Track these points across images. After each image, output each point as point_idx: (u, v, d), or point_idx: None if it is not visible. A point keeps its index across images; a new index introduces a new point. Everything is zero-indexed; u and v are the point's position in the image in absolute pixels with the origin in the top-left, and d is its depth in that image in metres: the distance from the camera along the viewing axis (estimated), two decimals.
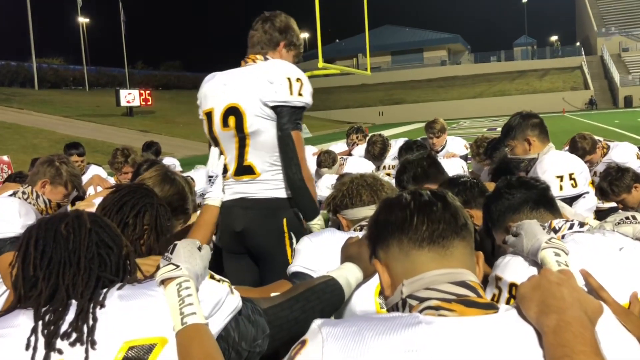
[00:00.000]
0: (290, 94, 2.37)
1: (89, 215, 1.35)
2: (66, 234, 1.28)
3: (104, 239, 1.32)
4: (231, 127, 2.45)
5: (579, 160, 3.11)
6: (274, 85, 2.37)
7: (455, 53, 74.98)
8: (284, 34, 2.58)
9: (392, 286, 1.12)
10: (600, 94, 52.11)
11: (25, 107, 32.76)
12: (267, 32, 2.55)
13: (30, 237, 1.28)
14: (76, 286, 1.24)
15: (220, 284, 1.35)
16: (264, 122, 2.40)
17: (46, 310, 1.21)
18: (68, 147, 5.17)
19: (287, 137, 2.39)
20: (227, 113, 2.46)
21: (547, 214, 1.79)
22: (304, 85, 2.42)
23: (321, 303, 1.55)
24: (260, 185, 2.47)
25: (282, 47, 2.59)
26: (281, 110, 2.39)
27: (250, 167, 2.46)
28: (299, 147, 2.42)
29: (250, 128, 2.41)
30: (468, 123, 39.31)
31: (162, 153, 6.88)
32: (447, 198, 1.15)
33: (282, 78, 2.37)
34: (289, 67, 2.45)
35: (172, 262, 1.29)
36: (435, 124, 5.46)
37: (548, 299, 0.99)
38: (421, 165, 2.71)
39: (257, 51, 2.56)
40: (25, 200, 2.83)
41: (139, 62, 61.40)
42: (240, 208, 2.49)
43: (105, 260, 1.30)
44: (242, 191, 2.50)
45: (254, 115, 2.40)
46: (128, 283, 1.29)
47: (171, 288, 1.24)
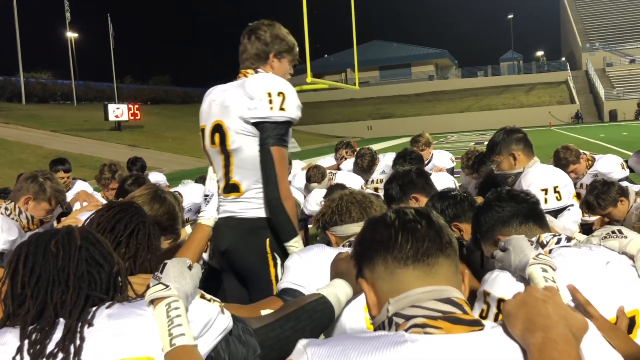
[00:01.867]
0: (270, 110, 2.30)
1: (80, 232, 1.33)
2: (55, 251, 1.26)
3: (95, 256, 1.31)
4: (217, 144, 2.44)
5: (563, 173, 3.14)
6: (254, 101, 2.31)
7: (442, 68, 75.69)
8: (271, 45, 2.50)
9: (379, 305, 1.11)
10: (586, 108, 52.81)
11: (12, 121, 32.53)
12: (253, 47, 2.49)
13: (20, 253, 1.27)
14: (64, 305, 1.22)
15: (210, 303, 1.33)
16: (246, 139, 2.36)
17: (33, 329, 1.19)
18: (54, 162, 5.12)
19: (265, 153, 2.33)
20: (213, 130, 2.45)
21: (536, 228, 1.80)
22: (286, 99, 2.33)
23: (312, 322, 1.54)
24: (245, 204, 2.44)
25: (272, 59, 2.51)
26: (263, 127, 2.33)
27: (236, 185, 2.44)
28: (279, 163, 2.33)
29: (232, 145, 2.38)
30: (456, 137, 39.59)
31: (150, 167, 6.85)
32: (431, 216, 1.15)
33: (262, 93, 2.31)
34: (270, 81, 2.38)
35: (161, 282, 1.27)
36: (421, 138, 5.53)
37: (533, 316, 0.98)
38: (409, 176, 2.75)
39: (247, 66, 2.51)
40: (8, 216, 2.80)
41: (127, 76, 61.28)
42: (227, 227, 2.47)
43: (95, 278, 1.28)
44: (230, 210, 2.47)
45: (235, 132, 2.36)
46: (118, 301, 1.27)
47: (160, 308, 1.23)
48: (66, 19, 46.06)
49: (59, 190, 2.98)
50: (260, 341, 1.42)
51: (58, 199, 2.98)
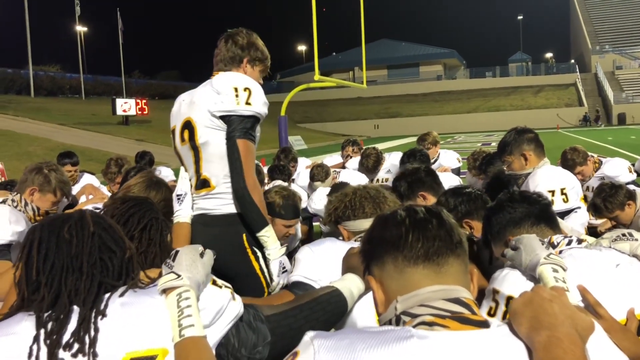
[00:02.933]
0: (237, 104, 2.36)
1: (92, 217, 1.34)
2: (69, 238, 1.27)
3: (107, 242, 1.32)
4: (186, 140, 2.48)
5: (571, 175, 3.12)
6: (220, 96, 2.37)
7: (450, 68, 75.48)
8: (247, 50, 2.59)
9: (386, 303, 1.11)
10: (595, 110, 52.53)
11: (20, 114, 32.69)
12: (229, 50, 2.58)
13: (33, 239, 1.28)
14: (78, 292, 1.23)
15: (222, 290, 1.34)
16: (214, 132, 2.40)
17: (48, 317, 1.20)
18: (61, 156, 5.14)
19: (232, 145, 2.36)
20: (183, 128, 2.50)
21: (548, 230, 1.79)
22: (252, 94, 2.39)
23: (325, 314, 1.54)
24: (218, 201, 2.44)
25: (245, 63, 2.60)
26: (229, 120, 2.37)
27: (206, 180, 2.45)
28: (245, 155, 2.36)
29: (201, 139, 2.41)
30: (463, 137, 39.49)
31: (157, 162, 6.86)
32: (442, 215, 1.14)
33: (228, 88, 2.37)
34: (236, 77, 2.44)
35: (173, 271, 1.28)
36: (427, 137, 5.54)
37: (540, 315, 0.98)
38: (418, 173, 2.74)
39: (220, 68, 2.59)
40: (15, 207, 2.81)
41: (135, 71, 61.51)
42: (201, 225, 2.48)
43: (107, 265, 1.29)
44: (203, 207, 2.49)
45: (204, 126, 2.40)
46: (130, 288, 1.28)
47: (171, 298, 1.23)
48: (76, 13, 46.27)
49: (63, 181, 2.98)
50: (272, 328, 1.42)
51: (63, 190, 2.98)
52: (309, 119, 56.61)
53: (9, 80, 42.16)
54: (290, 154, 5.74)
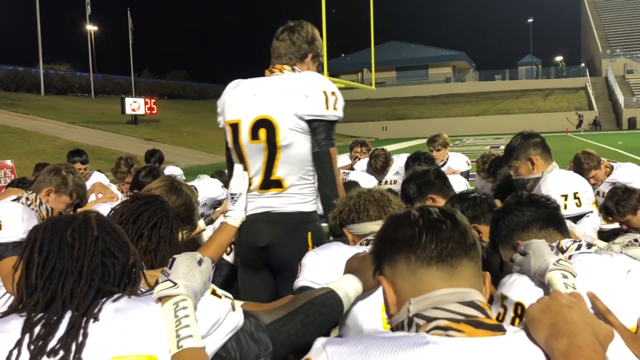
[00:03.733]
0: (326, 108, 2.35)
1: (96, 220, 1.31)
2: (72, 241, 1.24)
3: (110, 247, 1.29)
4: (262, 139, 2.39)
5: (583, 179, 3.10)
6: (310, 99, 2.33)
7: (460, 70, 75.24)
8: (312, 45, 2.53)
9: (398, 304, 1.10)
10: (605, 115, 52.16)
11: (30, 112, 32.90)
12: (295, 44, 2.50)
13: (35, 240, 1.25)
14: (73, 297, 1.20)
15: (221, 300, 1.30)
16: (297, 135, 2.37)
17: (38, 321, 1.18)
18: (71, 154, 5.17)
19: (325, 154, 2.38)
20: (257, 125, 2.39)
21: (557, 234, 1.77)
22: (338, 99, 2.40)
23: (321, 316, 1.52)
24: (286, 199, 2.42)
25: (309, 59, 2.54)
26: (317, 126, 2.36)
27: (279, 181, 2.41)
28: (335, 164, 2.41)
29: (283, 141, 2.36)
30: (471, 140, 39.33)
31: (166, 162, 6.89)
32: (456, 216, 1.13)
33: (318, 92, 2.34)
34: (324, 80, 2.42)
35: (169, 279, 1.24)
36: (438, 138, 5.53)
37: (559, 322, 0.96)
38: (427, 176, 2.73)
39: (285, 62, 2.50)
40: (29, 206, 2.83)
41: (145, 70, 61.72)
42: (265, 222, 2.43)
43: (109, 270, 1.26)
44: (267, 205, 2.44)
45: (287, 128, 2.35)
46: (127, 294, 1.25)
47: (168, 307, 1.20)
48: (86, 12, 46.52)
49: (80, 185, 3.01)
50: (272, 337, 1.39)
51: (79, 193, 3.00)
52: None
53: (20, 78, 42.44)
54: None
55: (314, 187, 2.48)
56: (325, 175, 2.38)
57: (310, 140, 2.40)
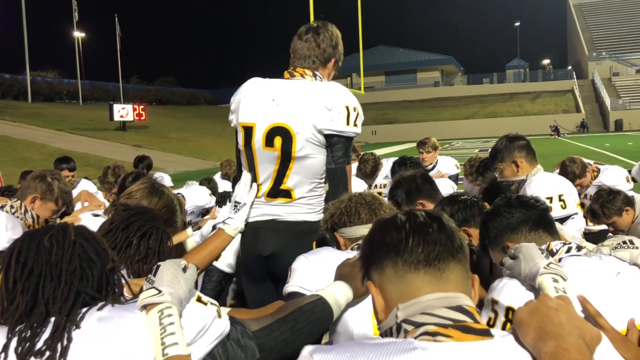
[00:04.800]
0: (347, 124, 2.28)
1: (74, 228, 1.31)
2: (49, 246, 1.24)
3: (88, 252, 1.28)
4: (276, 147, 2.30)
5: (568, 181, 3.13)
6: (331, 113, 2.26)
7: (448, 74, 75.69)
8: (336, 50, 2.45)
9: (386, 309, 1.09)
10: (592, 117, 52.71)
11: (17, 119, 32.68)
12: (319, 46, 2.40)
13: (14, 248, 1.25)
14: (55, 300, 1.20)
15: (207, 307, 1.29)
16: (314, 147, 2.30)
17: (23, 326, 1.17)
18: (59, 161, 5.12)
19: (341, 171, 2.33)
20: (272, 132, 2.30)
21: (546, 236, 1.76)
22: (359, 115, 2.34)
23: (310, 324, 1.50)
24: (293, 208, 2.37)
25: (332, 64, 2.46)
26: (336, 141, 2.30)
27: (288, 191, 2.35)
28: (350, 181, 2.38)
29: (300, 152, 2.28)
30: (460, 143, 39.55)
31: (155, 168, 6.86)
32: (443, 219, 1.12)
33: (341, 106, 2.27)
34: (347, 94, 2.34)
35: (154, 286, 1.23)
36: (428, 141, 5.58)
37: (546, 325, 0.97)
38: (415, 181, 2.72)
39: (307, 65, 2.40)
40: (13, 214, 2.79)
41: (133, 76, 61.50)
42: (270, 230, 2.37)
43: (87, 274, 1.26)
44: (272, 213, 2.37)
45: (304, 139, 2.27)
46: (110, 303, 1.24)
47: (152, 315, 1.19)
48: (74, 19, 46.26)
49: (66, 191, 2.96)
50: (259, 344, 1.39)
51: (65, 200, 2.96)
52: None
53: (7, 85, 42.15)
54: None
55: (322, 198, 2.44)
56: (339, 192, 2.28)
57: (325, 153, 2.34)
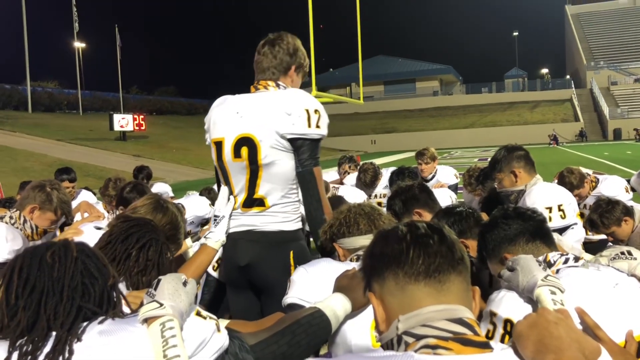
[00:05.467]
0: (308, 126, 2.31)
1: (76, 245, 1.33)
2: (51, 262, 1.25)
3: (90, 268, 1.29)
4: (243, 157, 2.36)
5: (567, 191, 3.13)
6: (291, 117, 2.30)
7: (447, 84, 75.87)
8: (294, 57, 2.49)
9: (387, 321, 1.09)
10: (590, 126, 52.81)
11: (18, 129, 32.71)
12: (276, 57, 2.46)
13: (15, 264, 1.26)
14: (57, 316, 1.21)
15: (206, 321, 1.31)
16: (279, 153, 2.34)
17: (24, 341, 1.17)
18: (59, 172, 5.13)
19: (309, 174, 2.34)
20: (239, 143, 2.37)
21: (544, 247, 1.77)
22: (321, 116, 2.36)
23: (308, 337, 1.51)
24: (268, 218, 2.39)
25: (292, 71, 2.50)
26: (301, 145, 2.33)
27: (261, 200, 2.38)
28: (320, 183, 2.37)
29: (265, 160, 2.33)
30: (459, 153, 39.58)
31: (154, 178, 6.86)
32: (444, 231, 1.13)
33: (300, 109, 2.31)
34: (306, 97, 2.38)
35: (155, 300, 1.25)
36: (426, 151, 5.55)
37: (545, 338, 0.97)
38: (412, 191, 2.74)
39: (268, 77, 2.47)
40: (12, 224, 2.79)
41: (133, 87, 61.62)
42: (247, 241, 2.40)
43: (89, 290, 1.27)
44: (249, 223, 2.41)
45: (269, 146, 2.32)
46: (111, 317, 1.25)
47: (154, 328, 1.20)
48: (74, 29, 46.46)
49: (65, 201, 2.96)
50: (257, 358, 1.39)
51: (64, 209, 2.96)
52: None
53: (7, 96, 42.22)
54: None
55: (297, 206, 2.46)
56: (309, 195, 2.34)
57: (294, 158, 2.37)
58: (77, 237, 2.56)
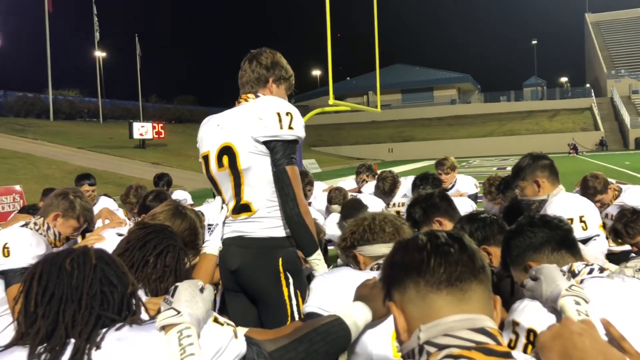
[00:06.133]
0: (280, 128, 2.37)
1: (95, 252, 1.33)
2: (70, 270, 1.26)
3: (109, 276, 1.30)
4: (225, 166, 2.46)
5: (589, 202, 3.08)
6: (263, 121, 2.37)
7: (465, 92, 75.53)
8: (271, 70, 2.59)
9: (408, 331, 1.09)
10: (611, 135, 52.09)
11: (39, 137, 33.21)
12: (254, 71, 2.58)
13: (35, 272, 1.27)
14: (75, 324, 1.21)
15: (224, 328, 1.31)
16: (258, 158, 2.40)
17: (43, 349, 1.18)
18: (80, 177, 5.20)
19: (281, 172, 2.38)
20: (221, 153, 2.48)
21: (569, 257, 1.74)
22: (294, 118, 2.42)
23: (326, 345, 1.50)
24: (257, 224, 2.44)
25: (271, 83, 2.60)
26: (274, 146, 2.38)
27: (247, 205, 2.44)
28: (295, 181, 2.40)
29: (244, 165, 2.41)
30: (478, 161, 39.29)
31: (173, 185, 6.92)
32: (464, 240, 1.12)
33: (271, 113, 2.38)
34: (277, 102, 2.46)
35: (172, 307, 1.25)
36: (446, 161, 5.49)
37: (569, 349, 0.96)
38: (432, 199, 2.72)
39: (247, 90, 2.59)
40: (37, 231, 2.83)
41: (152, 95, 62.22)
42: (237, 246, 2.46)
43: (108, 298, 1.27)
44: (239, 230, 2.46)
45: (247, 152, 2.40)
46: (129, 324, 1.25)
47: (172, 335, 1.20)
48: (95, 39, 47.15)
49: (88, 209, 3.01)
50: None
51: (86, 217, 3.00)
52: (323, 142, 56.82)
53: (30, 104, 42.88)
54: (306, 178, 5.73)
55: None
56: (284, 194, 2.38)
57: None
58: (99, 243, 2.60)
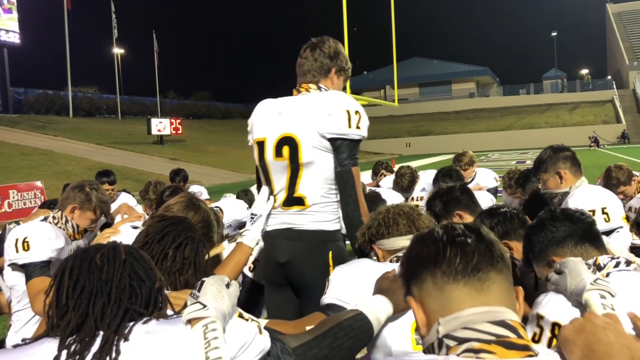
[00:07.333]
0: (348, 127, 2.34)
1: (124, 247, 1.36)
2: (100, 264, 1.28)
3: (138, 271, 1.32)
4: (285, 157, 2.41)
5: (612, 194, 3.02)
6: (332, 118, 2.35)
7: (483, 85, 74.86)
8: (335, 60, 2.55)
9: (428, 325, 1.07)
10: (633, 127, 51.23)
11: (59, 134, 33.67)
12: (317, 60, 2.53)
13: (66, 266, 1.29)
14: (104, 317, 1.23)
15: (248, 323, 1.31)
16: (320, 153, 2.38)
17: (73, 340, 1.20)
18: (99, 174, 5.25)
19: (347, 173, 2.37)
20: (280, 142, 2.42)
21: (593, 250, 1.71)
22: (362, 118, 2.40)
23: (349, 340, 1.50)
24: (308, 217, 2.41)
25: (333, 74, 2.56)
26: (340, 145, 2.36)
27: (301, 199, 2.41)
28: (358, 184, 2.39)
29: (306, 159, 2.37)
30: (497, 155, 38.95)
31: (190, 181, 6.96)
32: (481, 231, 1.10)
33: (341, 110, 2.35)
34: (347, 99, 2.42)
35: (199, 301, 1.26)
36: (464, 157, 5.43)
37: (593, 343, 0.93)
38: (453, 192, 2.70)
39: (309, 80, 2.54)
40: (55, 224, 2.87)
41: (170, 91, 62.68)
42: (286, 239, 2.43)
43: (136, 292, 1.29)
44: (289, 222, 2.44)
45: (310, 146, 2.37)
46: (155, 318, 1.27)
47: (197, 329, 1.21)
48: (113, 36, 47.60)
49: (104, 200, 3.04)
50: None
51: (103, 209, 3.03)
52: None
53: (50, 101, 43.51)
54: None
55: (336, 207, 2.47)
56: (347, 194, 2.37)
57: (334, 159, 2.40)
58: (115, 236, 2.62)
